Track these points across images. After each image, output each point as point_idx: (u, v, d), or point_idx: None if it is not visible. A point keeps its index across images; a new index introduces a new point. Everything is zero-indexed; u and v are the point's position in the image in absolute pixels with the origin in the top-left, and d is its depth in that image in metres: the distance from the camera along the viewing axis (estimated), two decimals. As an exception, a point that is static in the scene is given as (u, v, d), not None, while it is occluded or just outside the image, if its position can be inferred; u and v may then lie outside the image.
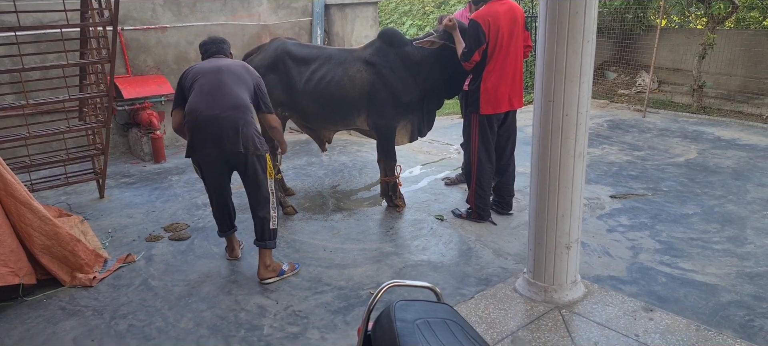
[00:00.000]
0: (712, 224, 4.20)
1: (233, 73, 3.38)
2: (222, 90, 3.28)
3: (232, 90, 3.30)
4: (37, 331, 3.00)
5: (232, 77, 3.35)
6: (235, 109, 3.24)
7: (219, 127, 3.22)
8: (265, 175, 3.39)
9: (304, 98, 4.36)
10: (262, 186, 3.38)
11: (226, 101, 3.25)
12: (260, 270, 3.47)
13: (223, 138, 3.23)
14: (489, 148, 4.16)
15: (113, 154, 6.27)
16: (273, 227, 3.44)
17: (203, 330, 2.97)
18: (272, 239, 3.46)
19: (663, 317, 2.90)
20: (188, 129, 3.32)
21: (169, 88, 6.29)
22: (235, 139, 3.22)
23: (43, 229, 3.34)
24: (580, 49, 2.71)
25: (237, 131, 3.22)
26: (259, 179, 3.36)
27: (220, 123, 3.22)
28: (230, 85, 3.31)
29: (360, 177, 5.51)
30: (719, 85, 8.85)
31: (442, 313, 1.50)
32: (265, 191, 3.40)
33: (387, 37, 4.31)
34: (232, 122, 3.22)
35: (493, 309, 3.04)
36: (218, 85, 3.30)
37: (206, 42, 3.63)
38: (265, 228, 3.41)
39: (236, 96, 3.29)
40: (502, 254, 3.78)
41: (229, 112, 3.23)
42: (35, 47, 5.51)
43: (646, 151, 6.31)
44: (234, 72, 3.39)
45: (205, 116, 3.23)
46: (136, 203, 4.88)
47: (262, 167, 3.36)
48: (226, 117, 3.22)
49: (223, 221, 3.64)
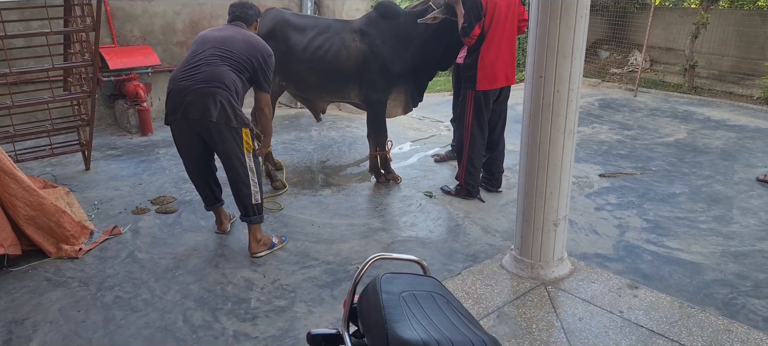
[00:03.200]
0: (699, 204, 4.23)
1: (228, 49, 3.23)
2: (205, 64, 3.18)
3: (214, 68, 3.16)
4: (22, 301, 2.97)
5: (224, 53, 3.22)
6: (208, 84, 3.13)
7: (186, 97, 3.15)
8: (241, 149, 3.26)
9: (300, 66, 4.33)
10: (236, 160, 3.26)
11: (203, 76, 3.15)
12: (251, 245, 3.45)
13: (189, 108, 3.15)
14: (483, 124, 4.14)
15: (99, 126, 6.18)
16: (255, 202, 3.37)
17: (190, 303, 2.96)
18: (257, 213, 3.40)
19: (647, 294, 2.93)
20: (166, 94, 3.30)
21: (155, 59, 6.19)
22: (204, 111, 3.13)
23: (27, 199, 3.29)
24: (573, 25, 2.68)
25: (205, 103, 3.13)
26: (233, 152, 3.24)
27: (189, 94, 3.15)
28: (216, 62, 3.18)
29: (349, 153, 5.48)
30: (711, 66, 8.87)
31: (428, 286, 1.49)
32: (241, 166, 3.28)
33: (382, 7, 4.29)
34: (201, 94, 3.13)
35: (480, 285, 3.05)
36: (204, 59, 3.20)
37: (233, 5, 3.52)
38: (247, 204, 3.35)
39: (216, 74, 3.15)
40: (490, 230, 3.79)
41: (201, 85, 3.14)
42: (18, 14, 5.37)
43: (636, 130, 6.33)
44: (229, 48, 3.23)
45: (179, 86, 3.18)
46: (122, 175, 4.82)
47: (237, 141, 3.23)
48: (196, 89, 3.13)
49: (205, 195, 3.60)
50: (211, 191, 3.60)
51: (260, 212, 3.41)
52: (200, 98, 3.13)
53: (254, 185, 3.35)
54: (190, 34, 6.77)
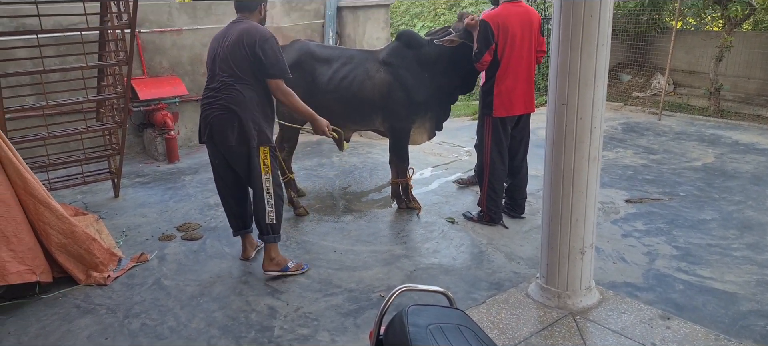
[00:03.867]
0: (730, 230, 4.13)
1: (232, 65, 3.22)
2: (220, 89, 3.26)
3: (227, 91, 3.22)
4: (52, 328, 3.03)
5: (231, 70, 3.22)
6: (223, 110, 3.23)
7: (209, 124, 3.29)
8: (259, 168, 3.31)
9: (326, 97, 4.35)
10: (257, 179, 3.33)
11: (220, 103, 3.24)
12: (264, 262, 3.53)
13: (213, 134, 3.29)
14: (502, 150, 4.14)
15: (128, 154, 6.33)
16: (269, 221, 3.40)
17: (214, 330, 2.99)
18: (270, 233, 3.44)
19: (681, 326, 2.85)
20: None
21: (183, 90, 6.35)
22: (224, 137, 3.25)
23: (60, 227, 3.39)
24: (595, 52, 2.68)
25: (224, 129, 3.24)
26: (253, 172, 3.32)
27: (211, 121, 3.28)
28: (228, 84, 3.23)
29: (371, 179, 5.50)
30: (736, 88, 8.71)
31: (455, 318, 1.49)
32: (258, 185, 3.35)
33: (405, 37, 4.36)
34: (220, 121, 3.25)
35: (506, 314, 3.01)
36: (217, 84, 3.29)
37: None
38: (261, 223, 3.42)
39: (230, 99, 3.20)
40: (514, 258, 3.75)
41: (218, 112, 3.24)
42: (55, 50, 5.58)
43: (661, 154, 6.23)
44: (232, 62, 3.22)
45: (203, 113, 3.35)
46: (149, 202, 4.92)
47: (255, 161, 3.29)
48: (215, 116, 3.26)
49: (233, 219, 3.66)
50: (240, 216, 3.65)
51: (275, 232, 3.46)
52: (219, 125, 3.27)
53: (269, 206, 3.38)
54: (216, 64, 6.93)
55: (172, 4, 6.57)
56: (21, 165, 3.27)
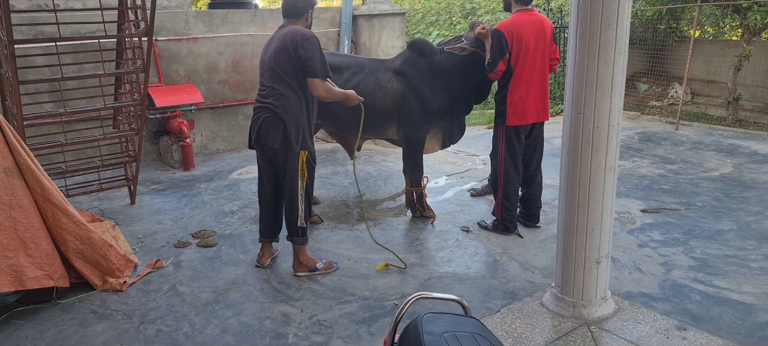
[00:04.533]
0: (748, 241, 4.06)
1: (279, 69, 3.32)
2: (268, 93, 3.39)
3: (275, 96, 3.35)
4: (69, 333, 3.07)
5: (278, 74, 3.33)
6: (272, 113, 3.36)
7: (258, 126, 3.42)
8: (297, 172, 3.42)
9: (337, 106, 4.39)
10: (294, 183, 3.44)
11: (268, 105, 3.37)
12: (294, 264, 3.66)
13: (260, 135, 3.42)
14: (516, 159, 4.12)
15: (144, 161, 6.41)
16: (301, 225, 3.52)
17: (229, 337, 3.00)
18: (300, 235, 3.56)
19: (697, 337, 2.81)
20: None
21: (199, 97, 6.42)
22: (269, 139, 3.37)
23: (77, 233, 3.43)
24: (612, 61, 2.66)
25: (269, 131, 3.37)
26: (292, 175, 3.43)
27: (260, 123, 3.41)
28: (276, 88, 3.35)
29: (385, 187, 5.51)
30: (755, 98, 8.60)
31: (470, 327, 1.48)
32: (294, 188, 3.46)
33: (417, 46, 4.35)
34: (267, 123, 3.37)
35: (520, 324, 2.99)
36: (265, 89, 3.42)
37: (284, 1, 3.47)
38: (293, 226, 3.54)
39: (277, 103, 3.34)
40: (529, 267, 3.73)
41: (267, 114, 3.37)
42: (73, 57, 5.69)
43: (678, 164, 6.16)
44: (278, 67, 3.32)
45: (254, 116, 3.47)
46: (165, 209, 4.97)
47: (295, 164, 3.41)
48: (264, 119, 3.38)
49: (266, 225, 3.71)
50: (272, 223, 3.72)
51: (303, 234, 3.57)
52: (266, 127, 3.38)
53: (301, 209, 3.50)
54: (233, 73, 7.02)
55: (188, 13, 6.67)
56: (39, 171, 3.32)
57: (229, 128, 7.13)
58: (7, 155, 3.20)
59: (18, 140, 3.25)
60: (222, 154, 6.99)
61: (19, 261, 3.18)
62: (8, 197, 3.18)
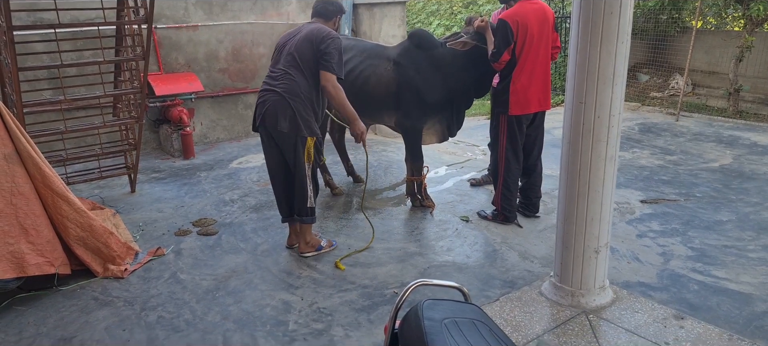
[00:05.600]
0: (747, 232, 4.08)
1: (297, 55, 3.44)
2: (281, 76, 3.46)
3: (287, 79, 3.42)
4: (70, 320, 3.08)
5: (295, 59, 3.43)
6: (281, 96, 3.41)
7: (265, 108, 3.46)
8: (303, 156, 3.48)
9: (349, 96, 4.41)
10: (301, 166, 3.51)
11: (278, 87, 3.43)
12: (300, 245, 3.75)
13: (266, 118, 3.46)
14: (517, 148, 4.12)
15: (144, 150, 6.41)
16: (311, 205, 3.61)
17: (230, 324, 3.02)
18: (310, 215, 3.64)
19: (694, 326, 2.83)
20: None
21: (199, 86, 6.40)
22: (276, 121, 3.42)
23: (78, 221, 3.44)
24: (614, 50, 2.66)
25: (277, 114, 3.41)
26: (299, 159, 3.48)
27: (267, 105, 3.45)
28: (290, 72, 3.43)
29: (385, 176, 5.51)
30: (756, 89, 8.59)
31: (470, 313, 1.49)
32: (302, 171, 3.52)
33: (416, 38, 4.31)
34: (275, 105, 3.41)
35: (519, 312, 3.01)
36: (279, 70, 3.49)
37: (316, 1, 3.69)
38: (302, 206, 3.60)
39: (289, 86, 3.40)
40: (528, 256, 3.74)
41: (276, 97, 3.42)
42: (72, 44, 5.67)
43: (678, 155, 6.16)
44: (298, 53, 3.44)
45: (261, 97, 3.52)
46: (165, 197, 4.98)
47: (302, 149, 3.47)
48: (272, 101, 3.43)
49: (282, 207, 3.76)
50: (287, 202, 3.75)
51: (312, 214, 3.65)
52: (274, 109, 3.42)
53: (310, 190, 3.59)
54: (233, 61, 7.00)
55: (188, 0, 6.63)
56: (39, 159, 3.33)
57: (229, 117, 7.11)
58: (8, 142, 3.20)
59: (18, 127, 3.25)
60: (222, 143, 6.98)
61: (21, 248, 3.19)
62: (9, 183, 3.18)
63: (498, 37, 3.86)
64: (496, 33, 3.88)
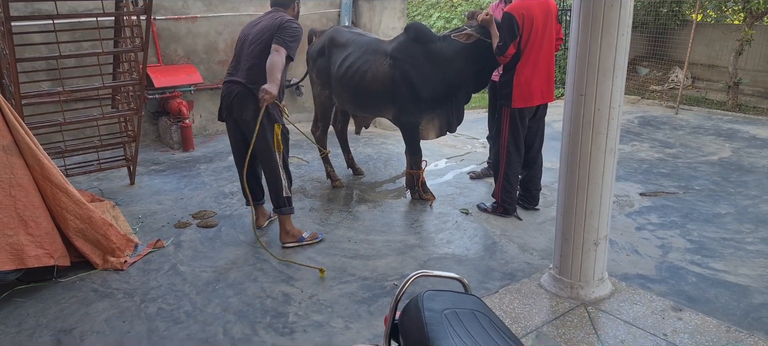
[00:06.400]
0: (745, 224, 4.09)
1: (259, 41, 3.50)
2: (244, 65, 3.53)
3: (250, 69, 3.50)
4: (70, 311, 3.09)
5: (256, 45, 3.50)
6: (245, 85, 3.48)
7: (229, 97, 3.54)
8: (273, 144, 3.54)
9: (336, 84, 4.50)
10: (269, 154, 3.56)
11: (241, 77, 3.51)
12: (281, 235, 3.79)
13: (232, 107, 3.53)
14: (519, 141, 4.11)
15: (143, 142, 6.39)
16: (287, 194, 3.66)
17: (230, 316, 3.02)
18: (286, 205, 3.69)
19: (692, 317, 2.84)
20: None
21: (198, 78, 6.38)
22: (241, 110, 3.49)
23: (77, 212, 3.43)
24: (615, 43, 2.65)
25: (242, 103, 3.49)
26: (267, 147, 3.54)
27: (231, 95, 3.52)
28: (253, 61, 3.50)
29: (385, 169, 5.51)
30: (756, 83, 8.59)
31: (470, 304, 1.49)
32: (272, 160, 3.58)
33: (412, 31, 4.22)
34: (239, 94, 3.49)
35: (518, 304, 3.02)
36: (242, 60, 3.56)
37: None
38: (279, 197, 3.65)
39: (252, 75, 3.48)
40: (528, 249, 3.75)
41: (239, 87, 3.49)
42: (71, 35, 5.64)
43: (677, 148, 6.17)
44: (260, 39, 3.50)
45: (225, 88, 3.60)
46: (165, 190, 4.97)
47: (270, 137, 3.51)
48: (236, 91, 3.51)
49: (245, 192, 3.82)
50: (253, 189, 3.86)
51: (289, 204, 3.70)
52: (240, 99, 3.49)
53: (283, 179, 3.64)
54: (232, 53, 6.96)
55: (187, -7, 6.60)
56: (38, 150, 3.32)
57: (228, 109, 7.08)
58: (6, 134, 3.19)
59: (17, 119, 3.24)
60: (221, 136, 6.96)
61: (20, 239, 3.18)
62: (8, 175, 3.18)
63: (504, 31, 3.82)
64: (502, 26, 3.84)
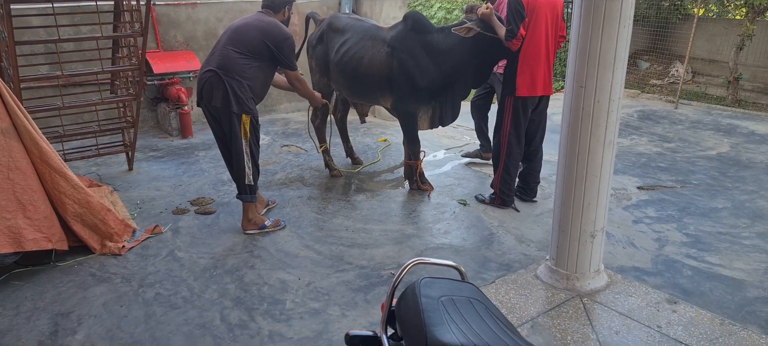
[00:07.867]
0: (742, 219, 4.10)
1: (241, 37, 3.56)
2: (219, 54, 3.58)
3: (225, 58, 3.53)
4: (68, 295, 3.10)
5: (237, 42, 3.55)
6: (217, 73, 3.51)
7: (203, 84, 3.59)
8: (239, 133, 3.59)
9: (334, 70, 4.49)
10: (236, 141, 3.61)
11: (214, 64, 3.54)
12: (243, 222, 3.85)
13: (204, 93, 3.60)
14: (520, 133, 4.11)
15: (142, 129, 6.37)
16: (248, 182, 3.70)
17: (227, 302, 3.04)
18: (247, 193, 3.74)
19: (687, 310, 2.86)
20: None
21: (197, 64, 6.35)
22: (211, 97, 3.54)
23: (75, 197, 3.44)
24: (616, 35, 2.65)
25: (213, 90, 3.52)
26: (234, 134, 3.58)
27: (205, 82, 3.58)
28: (228, 51, 3.54)
29: (383, 159, 5.51)
30: (756, 78, 8.59)
31: (467, 291, 1.50)
32: (238, 148, 3.62)
33: (410, 20, 4.17)
34: (210, 81, 3.54)
35: (514, 294, 3.03)
36: (219, 49, 3.61)
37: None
38: (241, 183, 3.71)
39: (226, 64, 3.51)
40: (525, 240, 3.76)
41: (211, 74, 3.53)
42: (70, 19, 5.60)
43: (676, 143, 6.17)
44: (242, 36, 3.56)
45: (200, 75, 3.64)
46: (163, 176, 4.97)
47: (236, 125, 3.56)
48: (209, 79, 3.55)
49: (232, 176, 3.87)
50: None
51: (251, 192, 3.76)
52: (210, 85, 3.55)
53: (248, 168, 3.68)
54: (230, 40, 6.93)
55: (187, -22, 6.56)
56: (37, 134, 3.31)
57: (227, 97, 7.06)
58: (5, 117, 3.18)
59: (15, 102, 3.23)
60: (220, 123, 6.95)
61: (18, 223, 3.19)
62: (6, 158, 3.17)
63: (511, 14, 3.77)
64: (509, 10, 3.79)
